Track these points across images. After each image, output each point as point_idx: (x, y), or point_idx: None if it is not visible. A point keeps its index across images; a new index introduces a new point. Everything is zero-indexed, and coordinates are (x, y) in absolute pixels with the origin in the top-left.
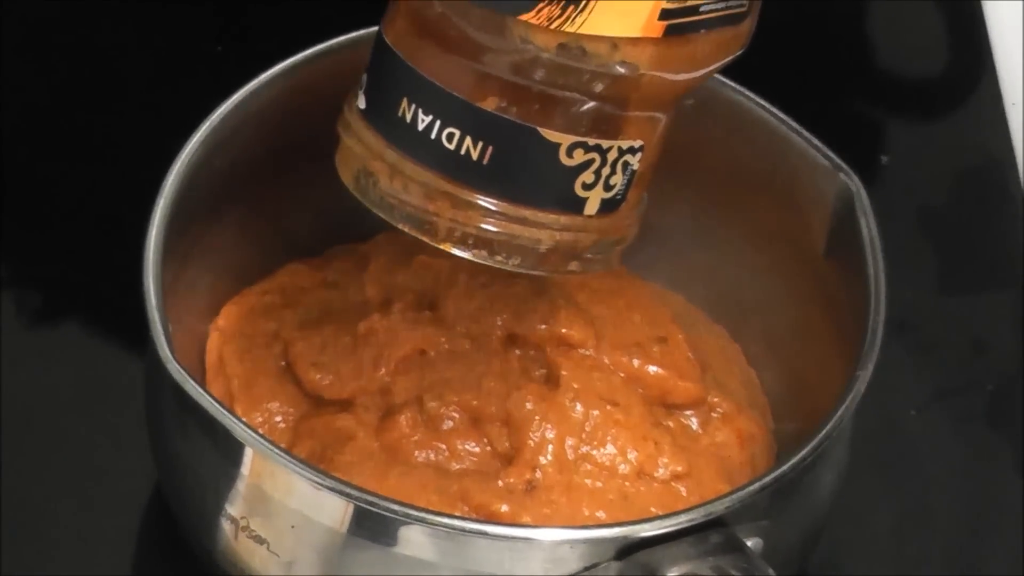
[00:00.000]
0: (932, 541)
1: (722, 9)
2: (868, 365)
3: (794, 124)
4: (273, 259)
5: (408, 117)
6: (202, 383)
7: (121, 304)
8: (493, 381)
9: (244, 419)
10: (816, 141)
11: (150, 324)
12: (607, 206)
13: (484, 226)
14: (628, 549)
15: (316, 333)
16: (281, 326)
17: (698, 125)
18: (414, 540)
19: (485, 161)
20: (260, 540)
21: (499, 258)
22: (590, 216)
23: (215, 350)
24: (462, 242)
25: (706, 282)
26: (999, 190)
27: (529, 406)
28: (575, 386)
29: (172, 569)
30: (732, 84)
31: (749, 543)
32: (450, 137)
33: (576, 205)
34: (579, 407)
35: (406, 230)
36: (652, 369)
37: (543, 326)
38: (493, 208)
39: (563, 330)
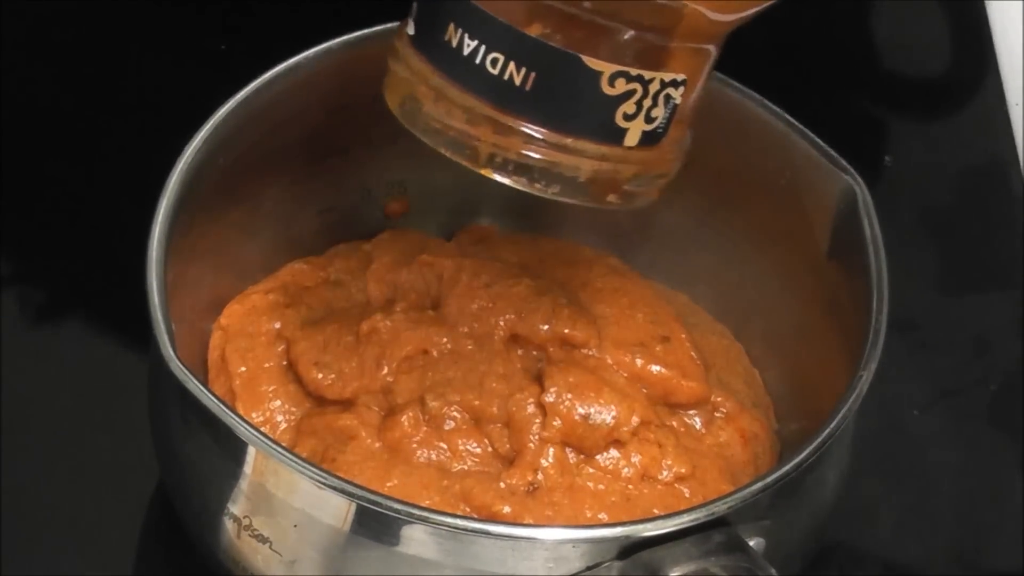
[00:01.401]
0: (934, 540)
1: None
2: (871, 365)
3: (797, 124)
4: (276, 257)
5: (454, 42)
6: (204, 382)
7: (124, 302)
8: (495, 381)
9: (246, 418)
10: (819, 141)
11: (153, 323)
12: (648, 138)
13: (525, 152)
14: (630, 549)
15: (318, 332)
16: (283, 325)
17: (702, 125)
18: (416, 539)
19: (528, 87)
20: (263, 539)
21: (538, 185)
22: (630, 147)
23: (217, 348)
24: (502, 168)
25: (709, 281)
26: (1002, 190)
27: (531, 408)
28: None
29: (174, 567)
30: (736, 84)
31: (751, 543)
32: (494, 62)
33: (616, 135)
34: (580, 404)
35: (448, 154)
36: (655, 368)
37: (545, 326)
38: (534, 135)
39: (565, 330)
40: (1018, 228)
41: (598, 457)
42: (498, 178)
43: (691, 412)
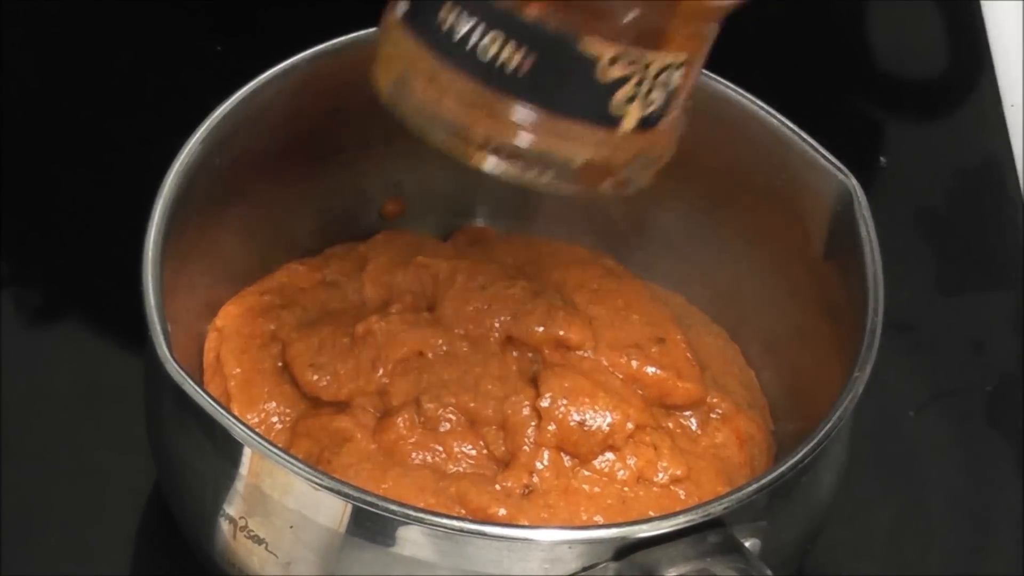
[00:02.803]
0: (931, 541)
1: None
2: (867, 366)
3: (793, 126)
4: (272, 258)
5: (447, 24)
6: (200, 383)
7: (120, 303)
8: (491, 383)
9: (241, 419)
10: (815, 142)
11: (149, 324)
12: (645, 122)
13: (519, 138)
14: (626, 550)
15: (314, 334)
16: (279, 326)
17: (698, 126)
18: (412, 540)
19: (523, 71)
20: (258, 540)
21: (532, 173)
22: (627, 132)
23: (213, 350)
24: (496, 154)
25: (705, 282)
26: (998, 191)
27: (526, 412)
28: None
29: (171, 568)
30: (732, 86)
31: (747, 544)
32: (488, 46)
33: (613, 119)
34: (576, 410)
35: (438, 142)
36: (651, 370)
37: (541, 328)
38: (528, 120)
39: (561, 332)
40: (1014, 228)
41: (593, 460)
42: (490, 164)
43: (687, 413)
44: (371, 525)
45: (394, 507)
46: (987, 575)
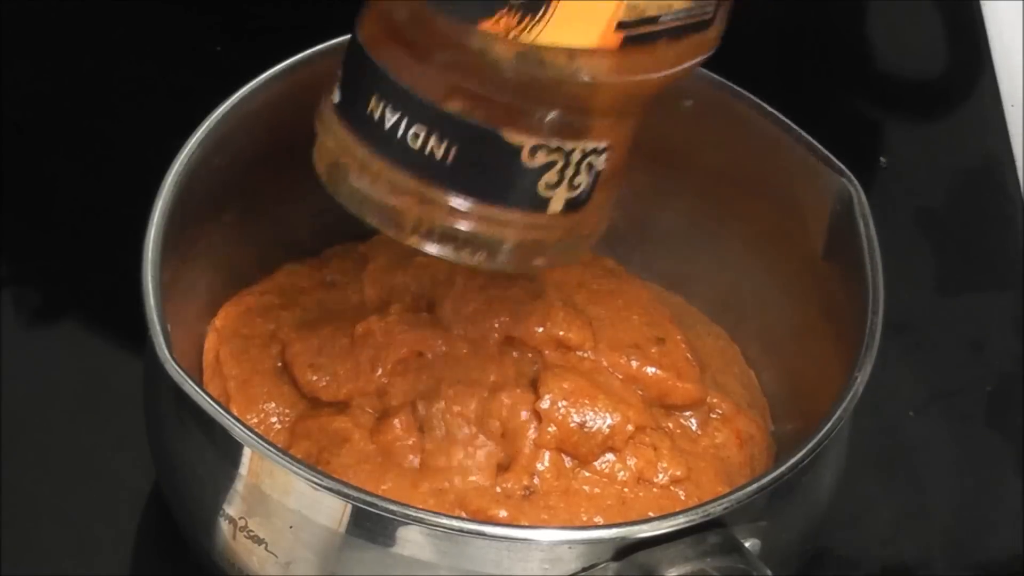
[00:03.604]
0: (930, 541)
1: (684, 18)
2: (866, 366)
3: (793, 126)
4: (272, 259)
5: (376, 115)
6: (200, 383)
7: (120, 303)
8: (490, 385)
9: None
10: (815, 142)
11: (149, 324)
12: (572, 205)
13: (449, 223)
14: (626, 550)
15: (313, 334)
16: (279, 327)
17: (697, 126)
18: (412, 540)
19: (449, 160)
20: (258, 540)
21: (464, 254)
22: (555, 214)
23: (212, 350)
24: (428, 238)
25: (705, 283)
26: (998, 191)
27: (525, 414)
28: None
29: (171, 568)
30: (731, 85)
31: (747, 544)
32: (415, 136)
33: (540, 204)
34: (576, 412)
35: (374, 224)
36: (650, 370)
37: (540, 328)
38: (458, 207)
39: (560, 332)
40: (1014, 228)
41: (594, 461)
42: (424, 248)
43: (687, 413)
44: (371, 525)
45: (394, 507)
46: (987, 575)
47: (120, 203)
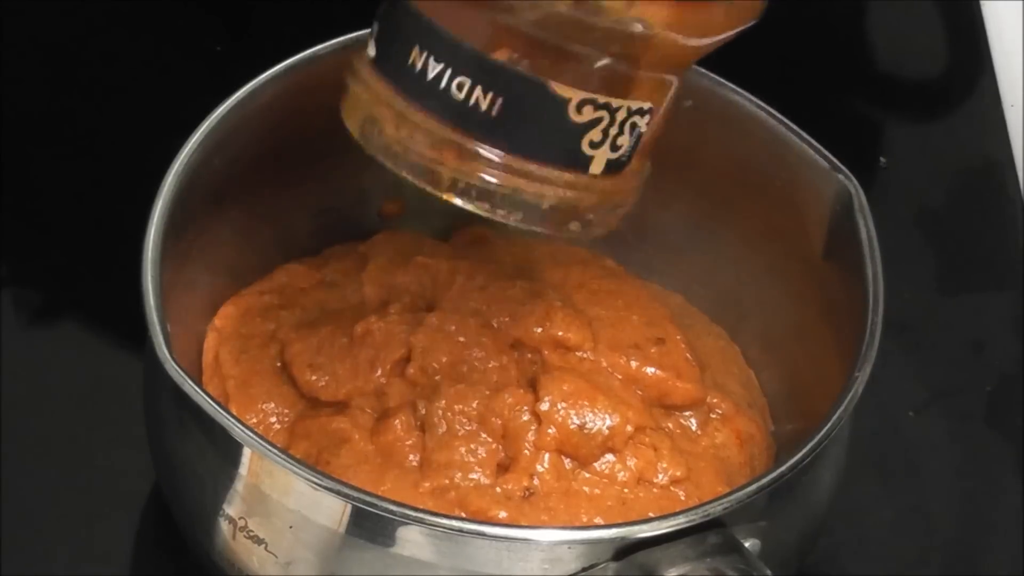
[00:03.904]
0: (930, 542)
1: None
2: (866, 366)
3: (793, 125)
4: (271, 259)
5: (419, 65)
6: (199, 383)
7: (120, 303)
8: (489, 385)
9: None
10: (815, 142)
11: (148, 324)
12: (612, 167)
13: (488, 178)
14: (626, 550)
15: (313, 334)
16: (278, 326)
17: (697, 126)
18: (412, 540)
19: (494, 113)
20: (258, 540)
21: (501, 212)
22: (595, 175)
23: (212, 350)
24: (465, 193)
25: (705, 282)
26: (997, 191)
27: (525, 416)
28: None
29: (170, 568)
30: (731, 85)
31: (747, 544)
32: (460, 87)
33: (582, 163)
34: (575, 413)
35: (410, 178)
36: (650, 370)
37: (540, 329)
38: (498, 160)
39: (560, 332)
40: (1014, 229)
41: (594, 462)
42: (460, 203)
43: (687, 414)
44: (371, 525)
45: (394, 507)
46: (987, 575)
47: (120, 203)
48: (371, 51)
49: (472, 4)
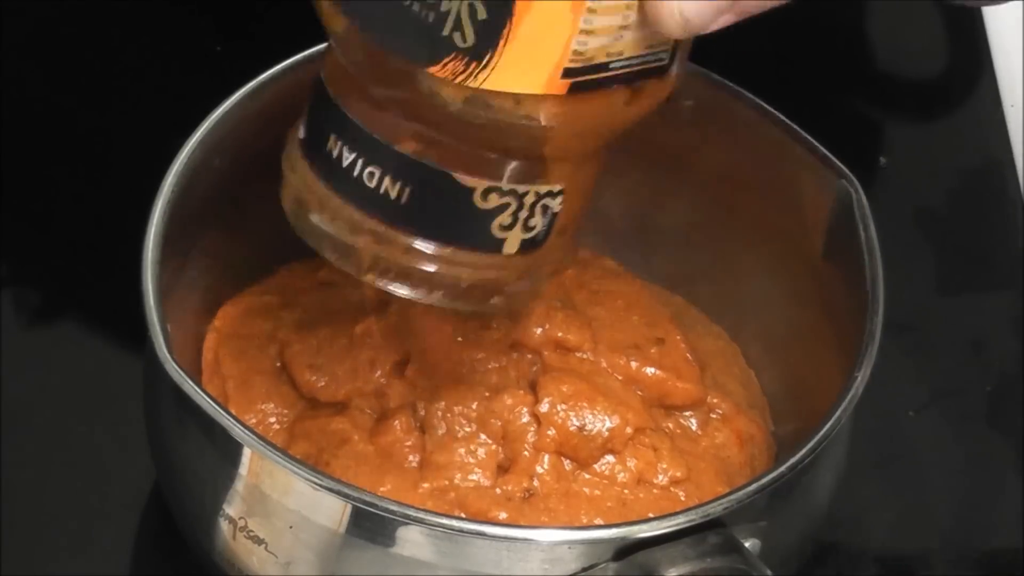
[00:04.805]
0: (931, 541)
1: (637, 64)
2: (866, 366)
3: (793, 126)
4: (271, 259)
5: (335, 153)
6: (199, 383)
7: (120, 304)
8: (489, 387)
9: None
10: (815, 143)
11: (148, 324)
12: (527, 245)
13: (405, 262)
14: (626, 550)
15: (312, 335)
16: (277, 327)
17: (697, 127)
18: (412, 541)
19: (404, 201)
20: (258, 540)
21: (421, 291)
22: (510, 255)
23: (211, 350)
24: (384, 275)
25: (705, 283)
26: (998, 192)
27: (525, 417)
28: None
29: (171, 568)
30: (731, 85)
31: (747, 544)
32: (371, 176)
33: (494, 245)
34: (575, 415)
35: (333, 261)
36: (650, 371)
37: (539, 329)
38: (414, 246)
39: (559, 333)
40: (1014, 229)
41: (594, 464)
42: (380, 284)
43: (687, 414)
44: (371, 525)
45: (394, 507)
46: (987, 575)
47: (120, 204)
48: (301, 132)
49: (377, 98)
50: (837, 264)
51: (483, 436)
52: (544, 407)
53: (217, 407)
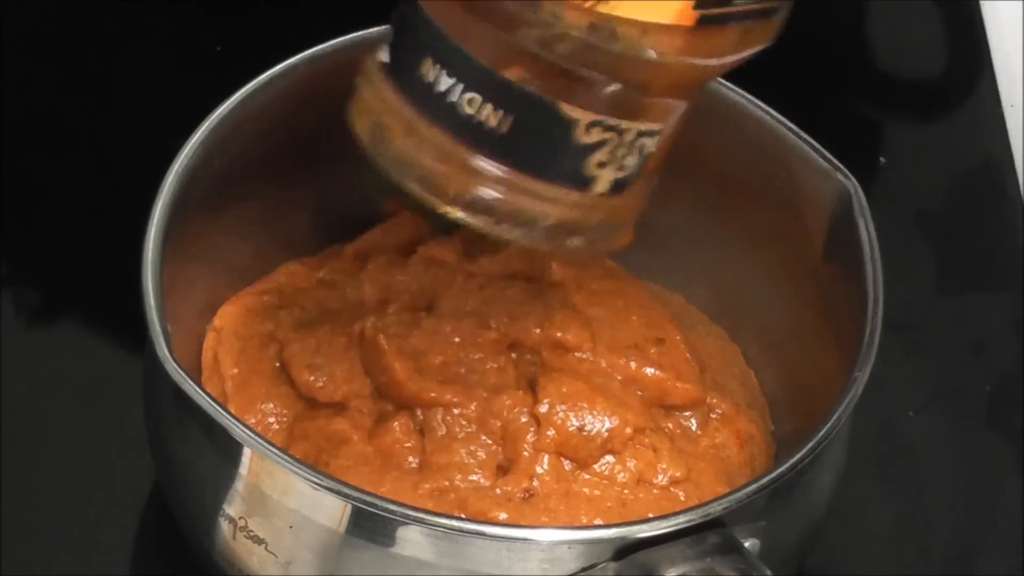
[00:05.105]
0: (930, 542)
1: (755, 3)
2: (866, 366)
3: (792, 125)
4: (271, 259)
5: (430, 77)
6: (199, 383)
7: (120, 303)
8: (488, 387)
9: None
10: (814, 142)
11: (148, 324)
12: (617, 186)
13: (492, 193)
14: (626, 550)
15: (311, 334)
16: (277, 327)
17: (697, 126)
18: (412, 540)
19: (502, 130)
20: (258, 540)
21: (503, 227)
22: (600, 194)
23: (211, 350)
24: (469, 207)
25: (705, 283)
26: (997, 191)
27: (524, 418)
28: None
29: (171, 568)
30: (730, 85)
31: (747, 544)
32: (471, 102)
33: (587, 182)
34: (574, 415)
35: (413, 189)
36: (650, 371)
37: (538, 329)
38: (504, 177)
39: (559, 333)
40: (1014, 229)
41: (593, 464)
42: (462, 216)
43: (686, 414)
44: (371, 525)
45: (394, 507)
46: (987, 575)
47: (120, 204)
48: (384, 56)
49: (486, 21)
50: (837, 264)
51: (483, 437)
52: (543, 407)
53: (217, 407)
